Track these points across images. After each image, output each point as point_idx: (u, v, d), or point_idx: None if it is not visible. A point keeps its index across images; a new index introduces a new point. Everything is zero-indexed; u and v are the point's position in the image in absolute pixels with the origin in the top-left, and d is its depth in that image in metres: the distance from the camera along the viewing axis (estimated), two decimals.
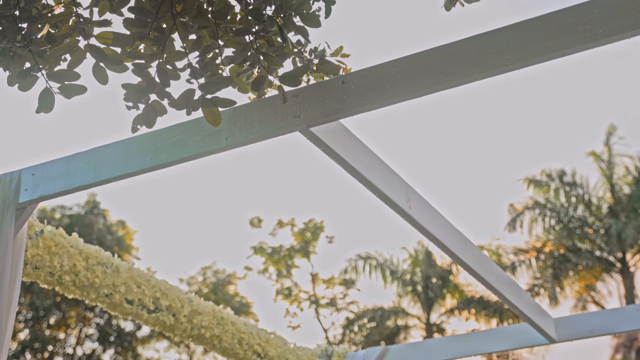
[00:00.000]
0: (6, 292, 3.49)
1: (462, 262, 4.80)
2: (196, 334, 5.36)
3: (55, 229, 4.25)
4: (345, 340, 29.16)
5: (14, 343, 25.34)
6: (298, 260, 32.93)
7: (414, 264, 29.32)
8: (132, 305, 4.76)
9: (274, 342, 6.21)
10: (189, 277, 32.84)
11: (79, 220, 25.72)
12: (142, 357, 29.19)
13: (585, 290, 26.70)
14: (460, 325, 29.05)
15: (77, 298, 4.51)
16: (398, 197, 4.06)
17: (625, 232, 24.26)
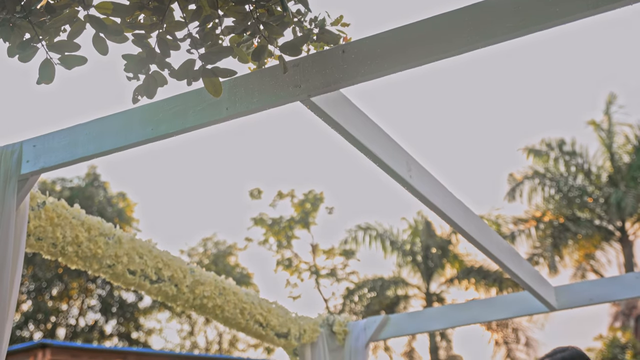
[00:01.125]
0: (9, 263, 3.50)
1: (463, 231, 4.81)
2: (198, 304, 5.39)
3: (57, 200, 4.26)
4: (346, 310, 29.33)
5: (18, 314, 25.49)
6: (298, 231, 33.04)
7: (413, 234, 29.39)
8: (134, 275, 4.78)
9: (276, 311, 6.24)
10: (190, 249, 32.98)
11: (80, 193, 25.76)
12: (144, 327, 29.37)
13: (585, 259, 26.80)
14: (460, 294, 29.21)
15: (80, 269, 4.53)
16: (399, 166, 4.06)
17: (624, 201, 24.30)
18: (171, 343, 32.14)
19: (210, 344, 32.60)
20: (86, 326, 27.59)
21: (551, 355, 4.05)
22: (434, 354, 28.01)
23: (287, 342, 6.43)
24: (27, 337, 25.52)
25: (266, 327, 6.10)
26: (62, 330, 27.27)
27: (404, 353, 28.99)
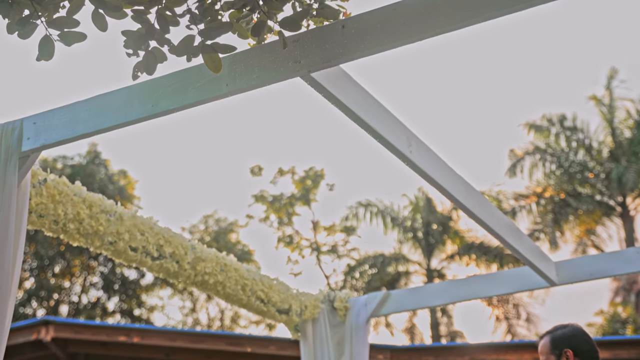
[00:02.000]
0: (12, 240, 3.51)
1: (464, 207, 4.82)
2: (200, 280, 5.41)
3: (58, 177, 4.26)
4: (347, 286, 29.42)
5: (20, 291, 25.59)
6: (299, 208, 33.07)
7: (414, 211, 29.42)
8: (136, 252, 4.80)
9: (277, 288, 6.26)
10: (191, 226, 33.03)
11: (81, 170, 25.78)
12: (146, 304, 29.49)
13: (586, 235, 26.85)
14: (461, 270, 29.29)
15: (81, 246, 4.54)
16: (399, 142, 4.06)
17: (625, 176, 24.30)
18: (173, 320, 32.30)
19: (212, 321, 32.75)
20: (88, 303, 27.71)
21: (552, 332, 4.09)
22: (434, 329, 28.13)
23: (288, 318, 6.46)
24: (30, 314, 25.63)
25: (267, 303, 6.12)
26: (64, 307, 27.40)
27: (405, 329, 29.12)
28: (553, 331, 4.09)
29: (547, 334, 4.10)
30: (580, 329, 4.10)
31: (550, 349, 4.01)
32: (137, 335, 10.34)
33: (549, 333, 4.10)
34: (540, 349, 4.08)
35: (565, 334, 4.04)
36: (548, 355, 4.02)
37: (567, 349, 3.96)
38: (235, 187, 54.48)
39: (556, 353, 3.98)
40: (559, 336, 4.03)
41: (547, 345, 4.03)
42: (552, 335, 4.06)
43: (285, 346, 9.88)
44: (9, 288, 3.49)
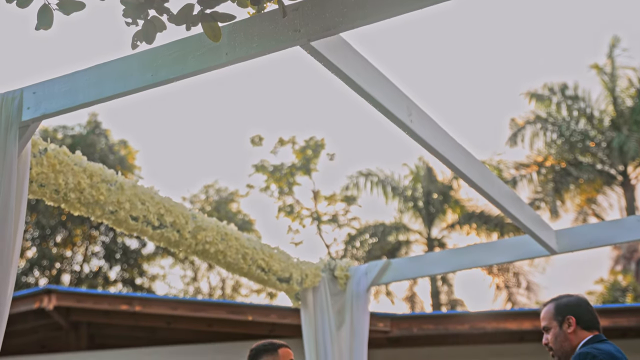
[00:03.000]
0: (13, 210, 3.52)
1: (464, 176, 4.82)
2: (200, 249, 5.42)
3: (59, 147, 4.26)
4: (347, 255, 29.49)
5: (23, 261, 25.69)
6: (299, 178, 33.07)
7: (415, 180, 29.41)
8: (137, 221, 4.81)
9: (278, 257, 6.28)
10: (192, 196, 33.07)
11: (81, 140, 25.77)
12: (147, 273, 29.62)
13: (586, 204, 26.87)
14: (461, 239, 29.36)
15: (82, 215, 4.55)
16: (399, 111, 4.06)
17: (627, 145, 24.28)
18: (175, 289, 32.44)
19: (213, 290, 32.90)
20: (90, 272, 27.83)
21: (556, 299, 4.13)
22: (435, 298, 28.26)
23: (289, 287, 6.49)
24: (33, 283, 25.76)
25: (268, 272, 6.14)
26: (66, 277, 27.52)
27: (405, 297, 29.25)
28: (558, 299, 4.14)
29: (551, 301, 4.14)
30: (584, 300, 4.15)
31: (553, 315, 4.05)
32: (138, 303, 10.38)
33: (553, 300, 4.14)
34: (543, 315, 4.12)
35: (570, 302, 4.09)
36: (550, 321, 4.06)
37: (571, 316, 4.01)
38: (235, 157, 54.45)
39: (559, 319, 4.02)
40: (563, 304, 4.07)
41: (550, 311, 4.08)
42: (557, 302, 4.11)
43: (286, 314, 9.92)
44: (10, 257, 3.51)
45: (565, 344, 4.00)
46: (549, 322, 4.07)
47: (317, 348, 6.58)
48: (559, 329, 4.03)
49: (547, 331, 4.09)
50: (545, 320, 4.10)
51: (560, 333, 4.02)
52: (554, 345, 4.06)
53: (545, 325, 4.09)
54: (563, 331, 4.01)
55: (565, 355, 4.03)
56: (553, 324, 4.05)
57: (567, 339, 4.00)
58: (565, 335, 4.00)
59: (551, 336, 4.06)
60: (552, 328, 4.05)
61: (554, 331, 4.04)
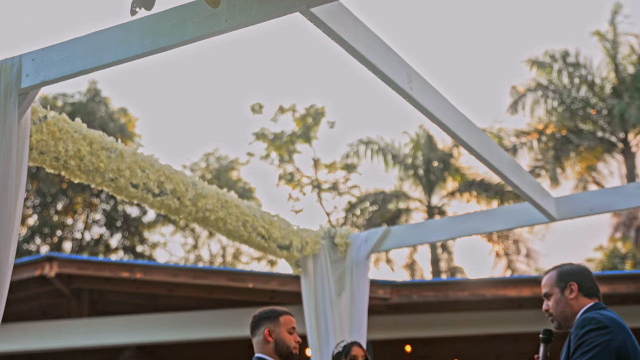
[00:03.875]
0: (13, 176, 3.53)
1: (465, 144, 4.82)
2: (201, 216, 5.43)
3: (58, 114, 4.26)
4: (348, 223, 29.51)
5: (24, 228, 25.74)
6: (300, 146, 33.03)
7: (415, 148, 29.35)
8: (137, 189, 4.81)
9: (278, 224, 6.30)
10: (192, 164, 33.06)
11: (81, 108, 25.69)
12: (148, 241, 29.69)
13: (587, 171, 26.85)
14: (461, 207, 29.37)
15: (83, 182, 4.56)
16: (399, 78, 4.04)
17: (628, 112, 24.20)
18: (175, 256, 32.54)
19: (214, 257, 33.01)
20: (91, 240, 27.89)
21: (559, 267, 4.16)
22: (435, 265, 28.35)
23: (289, 254, 6.52)
24: (34, 250, 25.82)
25: (268, 239, 6.16)
26: (68, 244, 27.59)
27: (405, 265, 29.34)
28: (560, 267, 4.17)
29: (553, 269, 4.18)
30: (586, 268, 4.18)
31: (555, 281, 4.08)
32: (140, 271, 10.42)
33: (556, 268, 4.18)
34: (545, 282, 4.14)
35: (573, 269, 4.12)
36: (552, 287, 4.09)
37: (573, 282, 4.04)
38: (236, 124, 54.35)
39: (561, 285, 4.05)
40: (566, 270, 4.11)
41: (553, 277, 4.11)
42: (559, 269, 4.14)
43: (286, 282, 9.96)
44: (11, 224, 3.52)
45: (567, 309, 4.04)
46: (551, 289, 4.10)
47: (317, 315, 6.62)
48: (560, 295, 4.06)
49: (547, 297, 4.12)
50: (546, 287, 4.12)
51: (561, 299, 4.05)
52: (554, 310, 4.08)
53: (547, 291, 4.12)
54: (565, 297, 4.04)
55: (565, 321, 4.06)
56: (555, 290, 4.08)
57: (568, 305, 4.03)
58: (566, 301, 4.03)
59: (552, 302, 4.09)
60: (553, 294, 4.08)
61: (556, 297, 4.07)
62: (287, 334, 4.36)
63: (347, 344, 5.03)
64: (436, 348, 12.21)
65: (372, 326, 7.59)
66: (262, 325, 4.37)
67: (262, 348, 4.35)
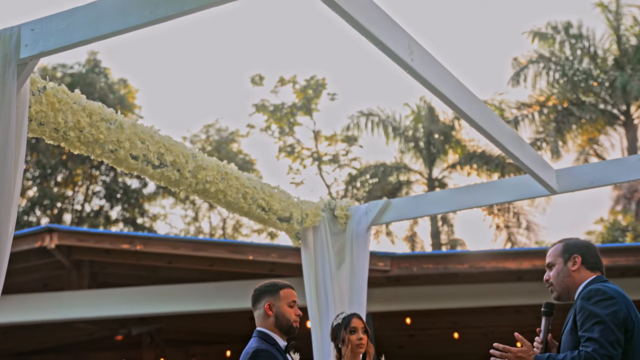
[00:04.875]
0: (12, 147, 3.52)
1: (466, 116, 4.79)
2: (201, 188, 5.42)
3: (57, 85, 4.23)
4: (348, 196, 29.49)
5: (24, 200, 25.75)
6: (300, 118, 32.98)
7: (416, 120, 29.29)
8: (137, 160, 4.79)
9: (278, 196, 6.29)
10: (192, 136, 33.02)
11: (81, 79, 25.60)
12: (149, 213, 29.71)
13: (588, 144, 26.82)
14: (462, 180, 29.37)
15: (82, 154, 4.54)
16: (400, 49, 4.01)
17: (630, 84, 24.12)
18: (175, 229, 32.60)
19: (214, 230, 33.06)
20: (92, 212, 27.90)
21: (566, 239, 4.20)
22: (435, 238, 28.40)
23: (289, 226, 6.51)
24: (34, 222, 25.85)
25: (268, 211, 6.15)
26: (68, 216, 27.62)
27: (406, 237, 29.39)
28: (567, 239, 4.21)
29: (560, 241, 4.23)
30: (593, 244, 4.23)
31: (561, 252, 4.13)
32: (140, 242, 10.44)
33: (563, 240, 4.22)
34: (550, 252, 4.18)
35: (578, 243, 4.16)
36: (556, 257, 4.13)
37: (577, 255, 4.08)
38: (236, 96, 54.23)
39: (565, 257, 4.09)
40: (572, 243, 4.15)
41: (558, 249, 4.16)
42: (566, 242, 4.18)
43: (286, 254, 9.98)
44: (11, 194, 3.51)
45: (567, 280, 4.07)
46: (555, 259, 4.14)
47: (318, 287, 6.63)
48: (563, 266, 4.10)
49: (550, 268, 4.16)
50: (551, 257, 4.16)
51: (563, 269, 4.09)
52: (555, 280, 4.11)
53: (550, 261, 4.15)
54: (567, 268, 4.08)
55: (565, 292, 4.08)
56: (558, 261, 4.12)
57: (569, 276, 4.07)
58: (568, 272, 4.07)
59: (554, 272, 4.12)
60: (556, 264, 4.12)
61: (558, 267, 4.11)
62: (288, 307, 4.37)
63: (346, 315, 5.04)
64: (436, 320, 12.26)
65: (372, 298, 7.62)
66: (263, 299, 4.38)
67: (263, 322, 4.36)
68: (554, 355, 3.84)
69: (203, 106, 52.66)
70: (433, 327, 12.83)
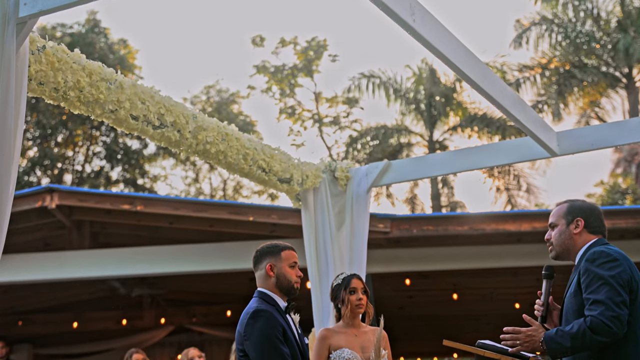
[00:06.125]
0: (12, 106, 3.51)
1: (467, 78, 4.77)
2: (201, 149, 5.41)
3: (57, 45, 4.21)
4: (349, 157, 29.50)
5: (24, 160, 25.74)
6: (301, 79, 32.86)
7: (417, 82, 29.19)
8: (137, 121, 4.78)
9: (279, 157, 6.28)
10: (193, 97, 32.91)
11: (80, 39, 25.44)
12: (149, 174, 29.71)
13: (589, 106, 26.76)
14: (463, 142, 29.37)
15: (82, 114, 4.53)
16: (402, 10, 3.99)
17: (633, 47, 24.00)
18: (176, 190, 32.64)
19: (215, 191, 33.10)
20: (92, 172, 27.89)
21: (572, 201, 4.19)
22: (435, 200, 28.45)
23: (289, 188, 6.52)
24: (35, 182, 25.85)
25: (269, 172, 6.15)
26: (68, 176, 27.62)
27: (406, 199, 29.45)
28: (573, 201, 4.20)
29: (566, 201, 4.22)
30: (598, 208, 4.21)
31: (564, 213, 4.12)
32: (140, 203, 10.44)
33: (568, 201, 4.21)
34: (554, 212, 4.18)
35: (583, 206, 4.15)
36: (560, 218, 4.13)
37: (580, 218, 4.07)
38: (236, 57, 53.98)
39: (569, 219, 4.09)
40: (577, 205, 4.14)
41: (563, 209, 4.15)
42: (571, 203, 4.17)
43: (287, 215, 9.99)
44: (11, 154, 3.51)
45: (568, 242, 4.08)
46: (558, 220, 4.14)
47: (318, 248, 6.66)
48: (565, 227, 4.10)
49: (552, 227, 4.16)
50: (554, 217, 4.16)
51: (565, 231, 4.09)
52: (555, 240, 4.12)
53: (553, 221, 4.15)
54: (569, 230, 4.08)
55: (565, 253, 4.10)
56: (561, 222, 4.11)
57: (570, 238, 4.07)
58: (570, 234, 4.07)
59: (555, 232, 4.13)
60: (559, 225, 4.12)
61: (560, 228, 4.11)
62: (289, 268, 4.40)
63: (346, 276, 5.07)
64: (435, 281, 12.32)
65: (372, 259, 7.64)
66: (264, 260, 4.41)
67: (264, 282, 4.39)
68: (562, 328, 3.85)
69: (203, 67, 52.45)
70: (432, 288, 12.90)
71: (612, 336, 3.68)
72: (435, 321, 15.43)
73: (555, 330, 3.86)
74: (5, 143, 3.47)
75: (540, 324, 4.00)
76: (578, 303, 3.87)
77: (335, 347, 4.89)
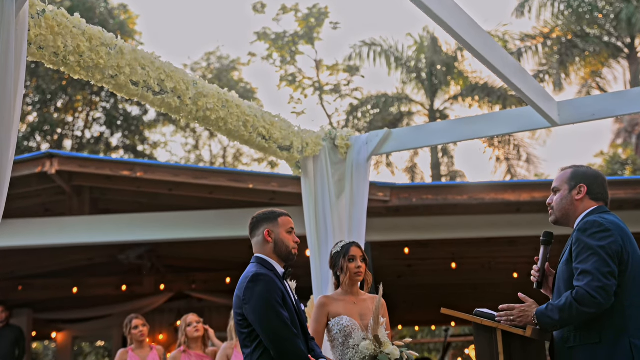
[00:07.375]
0: (12, 70, 3.49)
1: (468, 46, 4.75)
2: (201, 116, 5.40)
3: (57, 9, 4.18)
4: (349, 126, 29.46)
5: (24, 125, 25.68)
6: (302, 47, 32.71)
7: (418, 51, 29.07)
8: (137, 86, 4.77)
9: (279, 125, 6.27)
10: (193, 63, 32.77)
11: (80, 4, 25.25)
12: (149, 140, 29.67)
13: (591, 76, 26.67)
14: (464, 111, 29.33)
15: (82, 79, 4.51)
16: None
17: (635, 17, 23.87)
18: (176, 156, 32.62)
19: (215, 158, 33.08)
20: (92, 138, 27.85)
21: (577, 166, 4.21)
22: (435, 169, 28.46)
23: (289, 155, 6.51)
24: (35, 147, 25.81)
25: (269, 140, 6.15)
26: (68, 142, 27.57)
27: (406, 168, 29.46)
28: (578, 167, 4.21)
29: (571, 167, 4.22)
30: (602, 175, 4.22)
31: (568, 178, 4.14)
32: (140, 169, 10.43)
33: (574, 166, 4.21)
34: (558, 176, 4.19)
35: (588, 172, 4.16)
36: (563, 183, 4.14)
37: (583, 184, 4.08)
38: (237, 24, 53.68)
39: (572, 184, 4.11)
40: (581, 172, 4.15)
41: (566, 174, 4.16)
42: (576, 169, 4.18)
43: (286, 183, 9.98)
44: (11, 117, 3.50)
45: (569, 208, 4.09)
46: (561, 185, 4.15)
47: (317, 216, 6.67)
48: (567, 193, 4.12)
49: (555, 192, 4.18)
50: (557, 182, 4.18)
51: (567, 196, 4.11)
52: (556, 205, 4.14)
53: (556, 186, 4.17)
54: (571, 196, 4.10)
55: (565, 218, 4.11)
56: (564, 187, 4.13)
57: (572, 204, 4.09)
58: (571, 200, 4.09)
59: (557, 197, 4.15)
60: (561, 190, 4.14)
61: (563, 193, 4.13)
62: (286, 234, 4.43)
63: (345, 244, 5.09)
64: (434, 250, 12.35)
65: (371, 228, 7.65)
66: (262, 226, 4.43)
67: (262, 248, 4.42)
68: (552, 303, 3.88)
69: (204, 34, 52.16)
70: (431, 257, 12.93)
71: (598, 307, 3.69)
72: (434, 290, 15.48)
73: (546, 305, 3.89)
74: (5, 108, 3.46)
75: (534, 302, 4.03)
76: (569, 271, 3.90)
77: (334, 315, 4.92)
